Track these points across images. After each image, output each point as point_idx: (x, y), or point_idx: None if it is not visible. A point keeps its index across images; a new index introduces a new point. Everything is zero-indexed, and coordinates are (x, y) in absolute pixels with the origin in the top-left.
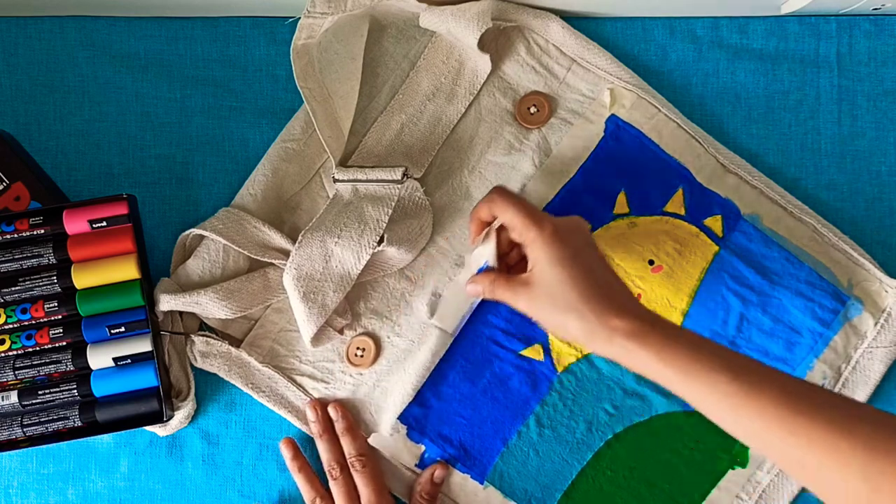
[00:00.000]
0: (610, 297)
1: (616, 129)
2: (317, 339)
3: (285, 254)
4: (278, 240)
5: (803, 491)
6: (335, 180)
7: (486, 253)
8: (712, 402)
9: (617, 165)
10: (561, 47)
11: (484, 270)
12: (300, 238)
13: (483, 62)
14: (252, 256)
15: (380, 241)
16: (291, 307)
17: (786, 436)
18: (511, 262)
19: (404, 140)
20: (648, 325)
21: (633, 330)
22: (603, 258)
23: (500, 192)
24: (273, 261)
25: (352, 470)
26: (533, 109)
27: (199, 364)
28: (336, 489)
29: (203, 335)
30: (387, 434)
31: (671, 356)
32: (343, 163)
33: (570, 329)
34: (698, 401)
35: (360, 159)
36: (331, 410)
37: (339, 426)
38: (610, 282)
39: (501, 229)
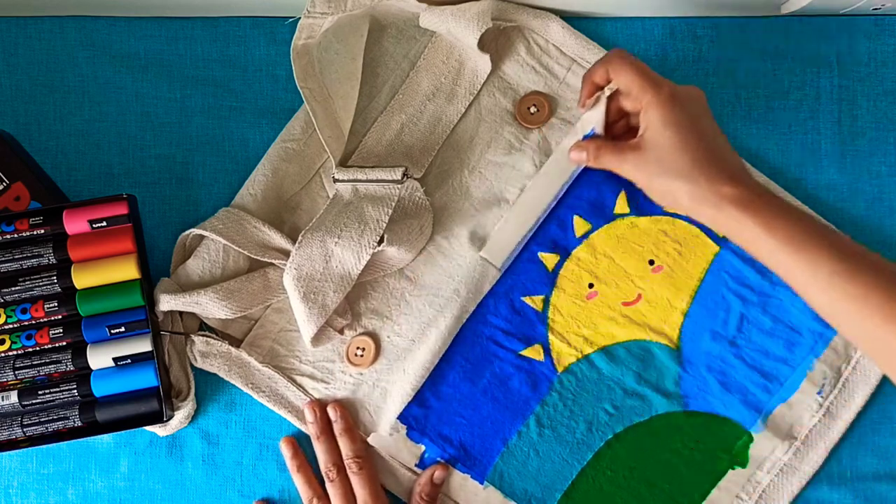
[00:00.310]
0: (722, 164)
1: None
2: (317, 339)
3: (285, 254)
4: (278, 240)
5: (804, 491)
6: (335, 180)
7: (593, 119)
8: (810, 279)
9: None
10: (561, 47)
11: (590, 137)
12: (300, 238)
13: (483, 62)
14: (252, 256)
15: (380, 242)
16: (291, 307)
17: (882, 322)
18: (617, 132)
19: (404, 140)
20: (759, 195)
21: (744, 198)
22: (717, 127)
23: (619, 53)
24: (273, 261)
25: (349, 471)
26: (533, 109)
27: (199, 364)
28: (333, 491)
29: (203, 335)
30: (386, 434)
31: (778, 228)
32: (343, 163)
33: (677, 195)
34: (795, 276)
35: (360, 159)
36: (330, 410)
37: (337, 427)
38: (723, 150)
39: (613, 96)
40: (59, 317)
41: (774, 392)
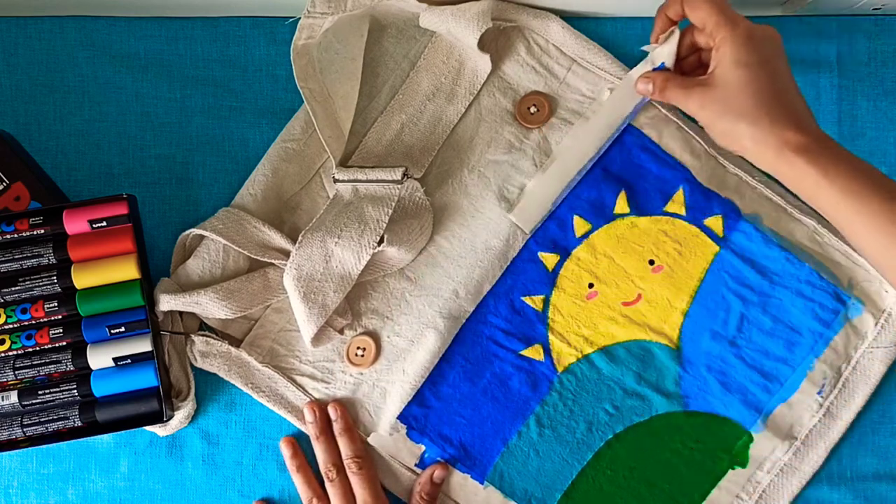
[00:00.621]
0: (788, 109)
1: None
2: (317, 339)
3: (285, 254)
4: (278, 240)
5: (803, 490)
6: (335, 180)
7: (664, 53)
8: (867, 226)
9: (618, 165)
10: (561, 47)
11: (659, 70)
12: (300, 238)
13: (483, 62)
14: (252, 256)
15: (380, 242)
16: (292, 307)
17: None
18: (687, 68)
19: (404, 140)
20: (821, 143)
21: (805, 145)
22: (789, 71)
23: None
24: (273, 261)
25: (348, 472)
26: (533, 109)
27: (199, 364)
28: (332, 491)
29: (203, 335)
30: (386, 434)
31: (838, 177)
32: (343, 163)
33: (738, 136)
34: (852, 223)
35: (360, 159)
36: (330, 410)
37: (337, 426)
38: (791, 94)
39: (685, 32)
40: (59, 317)
41: (774, 392)
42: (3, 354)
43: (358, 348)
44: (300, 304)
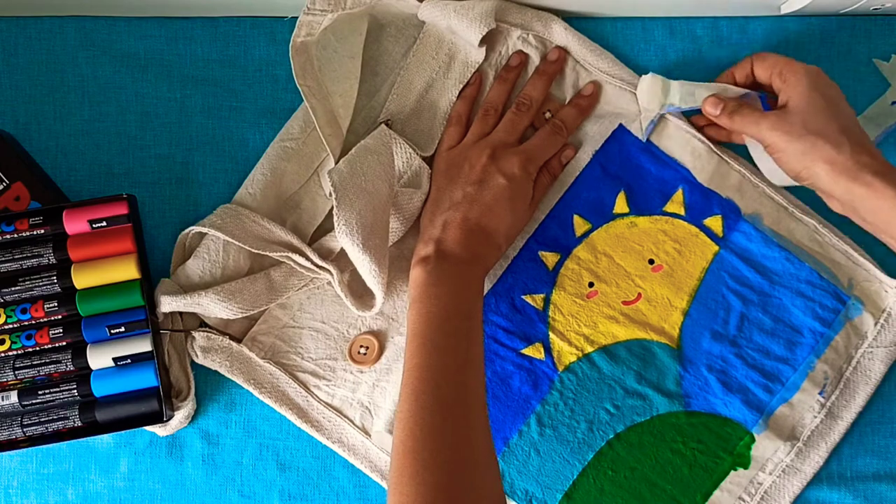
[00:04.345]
0: (860, 137)
1: (618, 129)
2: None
3: (286, 246)
4: (278, 233)
5: (804, 491)
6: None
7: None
8: None
9: (617, 165)
10: (563, 48)
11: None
12: (334, 195)
13: (476, 53)
14: (252, 251)
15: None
16: (358, 269)
17: None
18: None
19: (404, 137)
20: (891, 167)
21: (882, 169)
22: (854, 114)
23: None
24: (273, 254)
25: (509, 110)
26: (548, 115)
27: (201, 360)
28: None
29: (204, 331)
30: (386, 433)
31: None
32: None
33: (818, 152)
34: None
35: None
36: (552, 53)
37: (542, 64)
38: (859, 128)
39: (742, 63)
40: (59, 317)
41: (776, 392)
42: (3, 354)
43: (361, 346)
44: (362, 255)
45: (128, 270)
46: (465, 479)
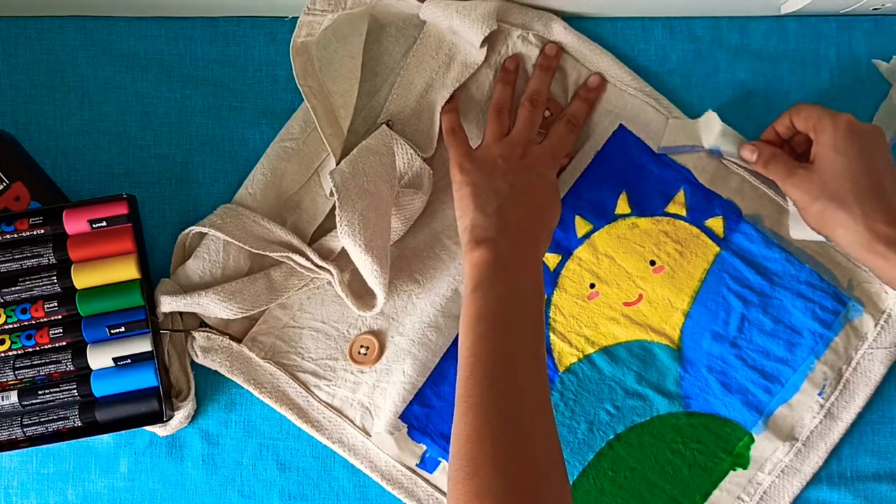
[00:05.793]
0: (881, 201)
1: (619, 130)
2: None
3: (286, 246)
4: (278, 233)
5: (803, 491)
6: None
7: (721, 139)
8: None
9: (619, 166)
10: (564, 48)
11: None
12: (336, 195)
13: (476, 53)
14: (252, 251)
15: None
16: (359, 269)
17: None
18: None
19: (404, 136)
20: None
21: (894, 239)
22: (889, 165)
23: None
24: (273, 254)
25: (525, 107)
26: (547, 113)
27: (201, 360)
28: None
29: (204, 331)
30: (387, 433)
31: None
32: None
33: (830, 220)
34: None
35: None
36: (549, 48)
37: (542, 60)
38: (886, 187)
39: (784, 115)
40: (59, 317)
41: (775, 393)
42: (3, 354)
43: (361, 347)
44: (365, 256)
45: (128, 270)
46: (555, 476)
